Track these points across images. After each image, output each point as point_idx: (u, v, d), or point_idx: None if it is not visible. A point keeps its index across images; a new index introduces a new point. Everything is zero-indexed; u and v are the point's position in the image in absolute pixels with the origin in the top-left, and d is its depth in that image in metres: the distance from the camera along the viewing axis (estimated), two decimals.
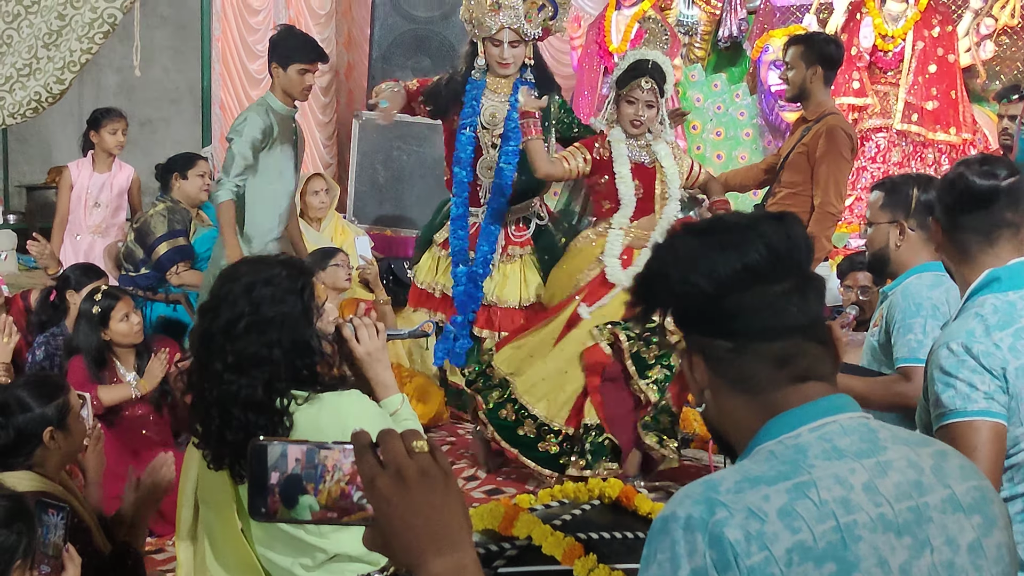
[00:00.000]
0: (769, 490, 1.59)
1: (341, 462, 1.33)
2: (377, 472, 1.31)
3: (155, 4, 10.55)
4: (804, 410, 1.68)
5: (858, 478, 1.61)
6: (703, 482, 1.66)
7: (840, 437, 1.66)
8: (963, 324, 2.79)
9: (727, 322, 1.71)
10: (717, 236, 1.71)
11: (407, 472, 1.31)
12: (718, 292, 1.69)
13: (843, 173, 5.78)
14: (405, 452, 1.32)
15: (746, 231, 1.70)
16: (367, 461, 1.32)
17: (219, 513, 2.98)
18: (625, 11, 9.61)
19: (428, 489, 1.31)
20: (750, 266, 1.68)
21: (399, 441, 1.33)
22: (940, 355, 2.76)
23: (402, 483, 1.30)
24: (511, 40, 5.89)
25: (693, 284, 1.71)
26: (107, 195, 7.37)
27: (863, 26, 8.63)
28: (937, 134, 8.55)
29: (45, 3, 6.70)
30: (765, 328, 1.70)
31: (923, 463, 1.68)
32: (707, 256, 1.70)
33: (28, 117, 6.72)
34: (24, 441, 3.43)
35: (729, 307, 1.70)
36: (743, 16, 9.71)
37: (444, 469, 1.34)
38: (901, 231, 3.81)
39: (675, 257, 1.74)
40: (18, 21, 6.73)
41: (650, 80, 5.61)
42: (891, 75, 8.66)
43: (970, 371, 2.69)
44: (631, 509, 2.35)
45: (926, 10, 8.57)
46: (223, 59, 9.94)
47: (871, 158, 8.49)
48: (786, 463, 1.63)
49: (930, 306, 3.69)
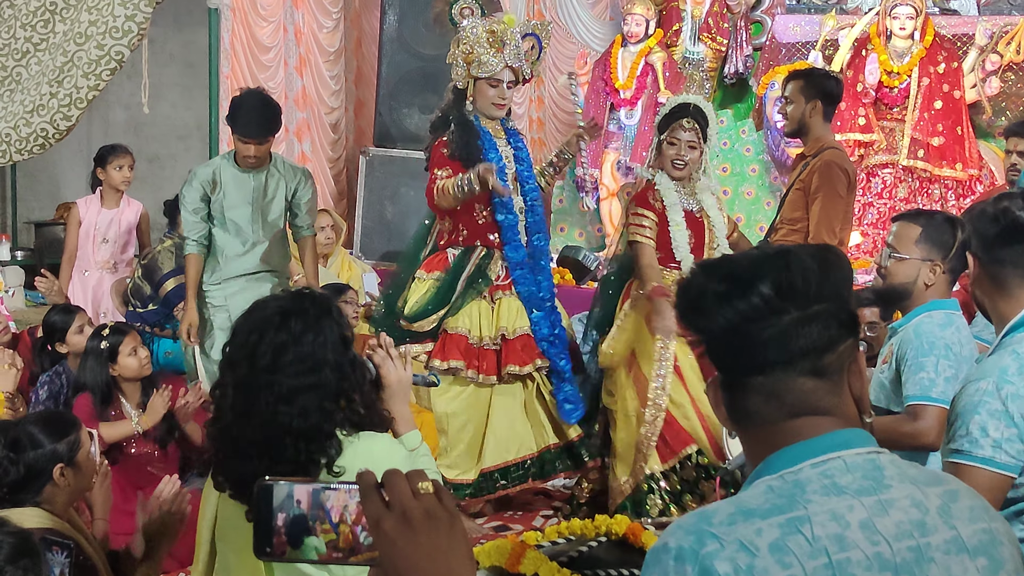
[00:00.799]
0: (762, 524, 1.58)
1: (347, 503, 1.33)
2: (383, 514, 1.30)
3: (163, 42, 10.60)
4: (808, 445, 1.67)
5: (856, 515, 1.60)
6: (697, 513, 1.66)
7: (842, 474, 1.64)
8: (998, 361, 2.75)
9: (723, 358, 1.72)
10: (722, 271, 1.72)
11: (412, 514, 1.30)
12: (723, 330, 1.69)
13: (836, 209, 5.64)
14: (411, 493, 1.31)
15: (749, 272, 1.70)
16: (373, 502, 1.31)
17: (238, 552, 2.96)
18: (631, 48, 9.66)
19: (433, 531, 1.30)
20: (743, 310, 1.67)
21: (405, 482, 1.32)
22: (968, 390, 2.72)
23: (407, 525, 1.29)
24: (510, 80, 5.73)
25: (692, 320, 1.73)
26: (115, 231, 7.39)
27: (869, 62, 8.66)
28: (943, 170, 8.56)
29: (53, 40, 6.75)
30: (746, 365, 1.69)
31: (929, 503, 1.65)
32: (707, 293, 1.70)
33: (35, 153, 6.75)
34: (34, 477, 3.42)
35: (720, 342, 1.71)
36: (749, 53, 9.75)
37: (450, 511, 1.33)
38: (933, 270, 3.78)
39: (690, 292, 1.75)
40: (27, 59, 6.78)
41: (692, 120, 5.58)
42: (897, 111, 8.68)
43: (988, 414, 2.65)
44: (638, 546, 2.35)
45: (931, 47, 8.60)
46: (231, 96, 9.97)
47: (877, 194, 8.50)
48: (782, 497, 1.61)
49: (943, 345, 3.65)
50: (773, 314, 1.67)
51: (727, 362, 1.72)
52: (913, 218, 3.94)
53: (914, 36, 8.59)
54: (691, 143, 5.59)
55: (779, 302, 1.67)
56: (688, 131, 5.58)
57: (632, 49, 9.65)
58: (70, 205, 7.77)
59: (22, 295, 8.97)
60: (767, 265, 1.69)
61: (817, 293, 1.68)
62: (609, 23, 10.62)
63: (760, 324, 1.67)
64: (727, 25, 9.78)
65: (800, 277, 1.68)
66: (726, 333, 1.69)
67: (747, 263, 1.72)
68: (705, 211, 5.70)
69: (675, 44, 9.83)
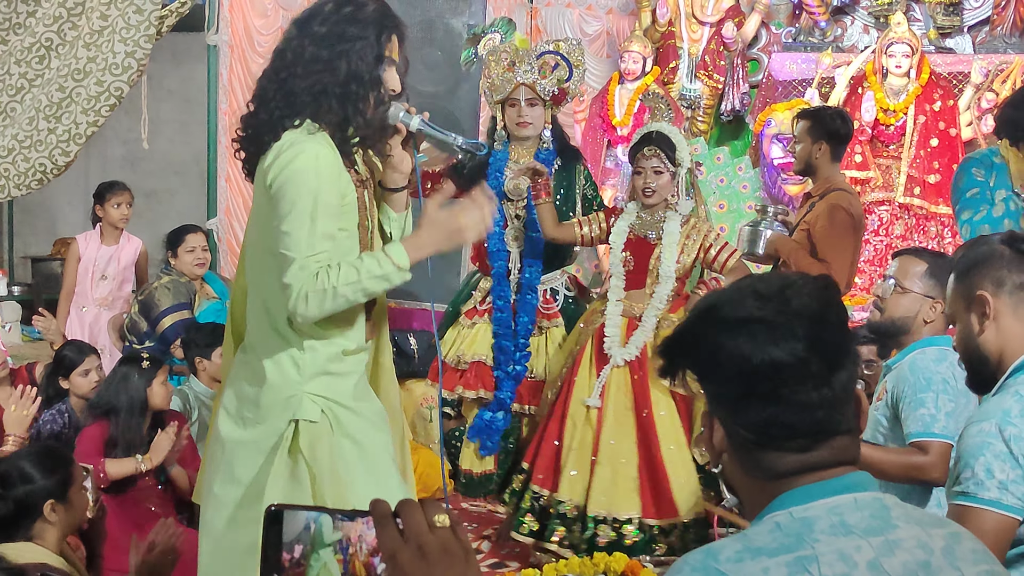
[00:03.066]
0: (769, 562, 1.57)
1: (364, 534, 1.31)
2: (399, 547, 1.28)
3: (161, 78, 10.63)
4: (820, 486, 1.66)
5: (863, 555, 1.59)
6: (704, 550, 1.65)
7: (851, 512, 1.64)
8: (1000, 402, 2.73)
9: (751, 416, 1.69)
10: (752, 327, 1.69)
11: (429, 548, 1.28)
12: (746, 386, 1.67)
13: (842, 257, 5.61)
14: (427, 527, 1.29)
15: (784, 329, 1.68)
16: (388, 534, 1.29)
17: None
18: (628, 85, 9.69)
19: (449, 567, 1.28)
20: (781, 367, 1.66)
21: (420, 514, 1.30)
22: (970, 432, 2.70)
23: (423, 560, 1.27)
24: (528, 98, 5.74)
25: (721, 371, 1.70)
26: (114, 268, 7.39)
27: (865, 100, 8.68)
28: (939, 207, 8.56)
29: (48, 76, 6.77)
30: (792, 427, 1.68)
31: (934, 544, 1.65)
32: (738, 348, 1.68)
33: (33, 188, 6.76)
34: (24, 513, 3.40)
35: (755, 402, 1.68)
36: (745, 90, 9.78)
37: (465, 547, 1.31)
38: (933, 308, 3.80)
39: (706, 337, 1.72)
40: (21, 94, 6.80)
41: (653, 147, 5.54)
42: (893, 148, 8.70)
43: (993, 456, 2.62)
44: None
45: (927, 85, 8.62)
46: (229, 132, 9.98)
47: (874, 231, 8.50)
48: (790, 536, 1.61)
49: (940, 380, 3.66)
50: (818, 377, 1.66)
51: (759, 422, 1.69)
52: (919, 254, 3.96)
53: (910, 74, 8.61)
54: (656, 169, 5.55)
55: (831, 364, 1.67)
56: (651, 158, 5.56)
57: (629, 86, 9.68)
58: (68, 241, 7.77)
59: (19, 330, 8.95)
60: (810, 329, 1.68)
61: (847, 350, 1.69)
62: (606, 60, 10.65)
63: (811, 386, 1.66)
64: (724, 63, 9.82)
65: (842, 334, 1.69)
66: (762, 394, 1.67)
67: (785, 319, 1.69)
68: (663, 239, 5.60)
69: (672, 81, 9.86)
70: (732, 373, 1.68)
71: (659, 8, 9.94)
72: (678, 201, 5.63)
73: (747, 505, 1.75)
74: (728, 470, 1.77)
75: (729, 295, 1.79)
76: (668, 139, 5.59)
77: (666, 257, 5.56)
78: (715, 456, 1.78)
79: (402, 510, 1.31)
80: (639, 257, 5.64)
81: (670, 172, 5.58)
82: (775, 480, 1.69)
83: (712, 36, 9.84)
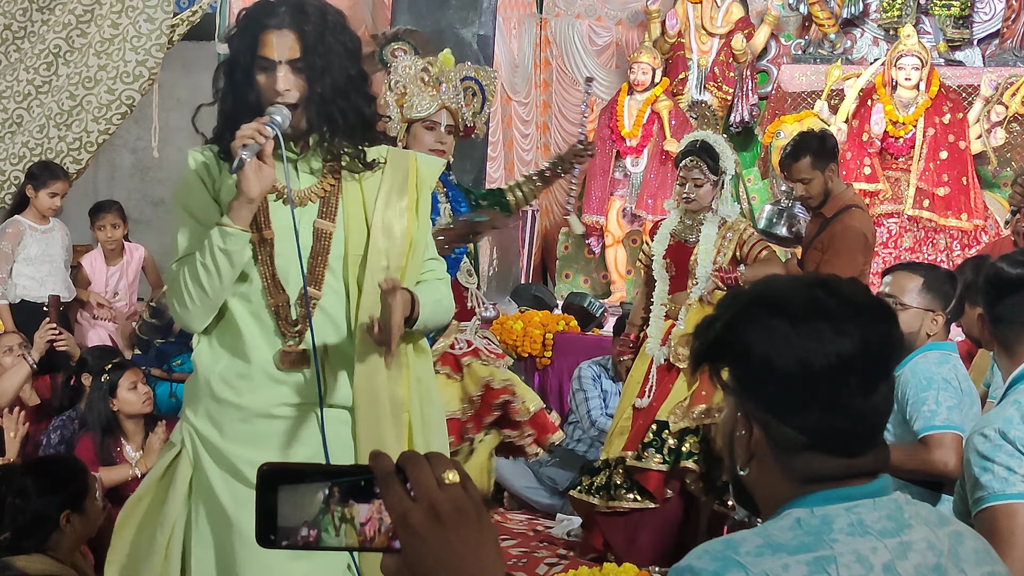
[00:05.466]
0: (789, 559, 1.58)
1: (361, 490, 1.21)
2: (408, 507, 1.17)
3: (171, 87, 10.64)
4: (848, 491, 1.67)
5: (879, 558, 1.61)
6: (724, 540, 1.66)
7: (868, 512, 1.65)
8: (1000, 412, 2.75)
9: (804, 416, 1.68)
10: (815, 323, 1.67)
11: (441, 508, 1.17)
12: (806, 384, 1.66)
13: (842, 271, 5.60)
14: (436, 484, 1.18)
15: (847, 324, 1.66)
16: (396, 494, 1.18)
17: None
18: (637, 96, 9.71)
19: (463, 526, 1.17)
20: (847, 361, 1.64)
21: (428, 471, 1.19)
22: (976, 441, 2.71)
23: (437, 520, 1.16)
24: (448, 124, 4.97)
25: (781, 369, 1.67)
26: (124, 284, 7.40)
27: (874, 112, 8.68)
28: (948, 220, 8.57)
29: (56, 83, 6.79)
30: (849, 433, 1.67)
31: (942, 545, 1.67)
32: (798, 346, 1.66)
33: None
34: (40, 524, 3.41)
35: (813, 403, 1.67)
36: (755, 101, 9.81)
37: (476, 502, 1.19)
38: (935, 320, 3.83)
39: (758, 333, 1.69)
40: (28, 100, 6.81)
41: (696, 159, 5.65)
42: (902, 161, 8.71)
43: (1007, 455, 2.63)
44: None
45: (937, 97, 8.63)
46: None
47: (883, 243, 8.49)
48: (810, 535, 1.62)
49: (940, 379, 3.71)
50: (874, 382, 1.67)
51: (812, 424, 1.68)
52: (913, 269, 3.98)
53: (919, 87, 8.62)
54: (696, 180, 5.67)
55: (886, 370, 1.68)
56: (692, 169, 5.68)
57: (638, 97, 9.70)
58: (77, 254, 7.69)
59: None
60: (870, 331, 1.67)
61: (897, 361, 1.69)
62: (615, 71, 10.69)
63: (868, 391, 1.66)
64: (733, 74, 9.84)
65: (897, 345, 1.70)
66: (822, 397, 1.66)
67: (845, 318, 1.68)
68: (700, 243, 5.73)
69: (681, 92, 9.89)
70: (793, 377, 1.66)
71: (668, 20, 9.97)
72: (719, 208, 5.76)
73: (765, 505, 1.74)
74: (755, 474, 1.74)
75: (777, 286, 1.77)
76: (712, 149, 5.70)
77: (702, 259, 5.68)
78: (745, 459, 1.74)
79: (407, 466, 1.19)
80: (679, 261, 5.76)
81: (711, 181, 5.70)
82: (808, 483, 1.68)
83: (721, 47, 9.86)
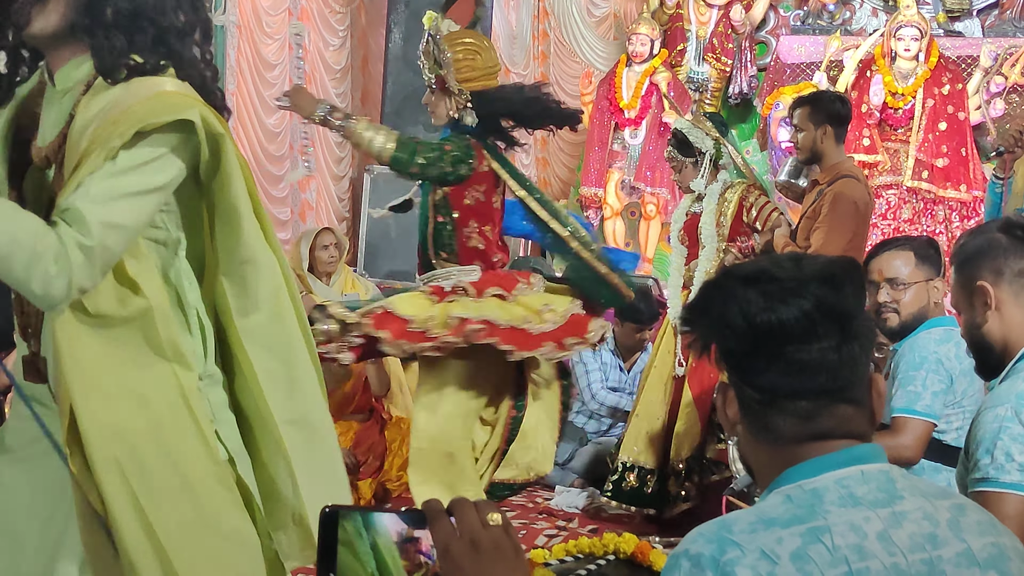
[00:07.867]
0: (783, 533, 1.60)
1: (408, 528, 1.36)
2: (452, 539, 1.34)
3: None
4: (830, 458, 1.68)
5: (872, 527, 1.62)
6: (717, 522, 1.67)
7: (859, 484, 1.66)
8: (1012, 387, 2.70)
9: (757, 374, 1.71)
10: (763, 286, 1.71)
11: (482, 543, 1.34)
12: (753, 342, 1.70)
13: (838, 243, 5.53)
14: (480, 523, 1.36)
15: (794, 288, 1.69)
16: (442, 527, 1.35)
17: None
18: (636, 68, 9.68)
19: (499, 560, 1.34)
20: (787, 325, 1.67)
21: (474, 511, 1.37)
22: (986, 418, 2.68)
23: (476, 552, 1.33)
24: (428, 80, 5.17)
25: (729, 328, 1.71)
26: None
27: (873, 83, 8.67)
28: (947, 191, 8.57)
29: None
30: (794, 388, 1.69)
31: (939, 516, 1.67)
32: (747, 304, 1.70)
33: None
34: None
35: (761, 360, 1.70)
36: (753, 73, 9.79)
37: (515, 545, 1.37)
38: (936, 287, 3.84)
39: (720, 296, 1.75)
40: None
41: (669, 149, 6.05)
42: (901, 132, 8.70)
43: (1011, 439, 2.60)
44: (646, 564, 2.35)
45: (936, 68, 8.62)
46: (238, 112, 9.99)
47: (881, 215, 8.49)
48: (802, 507, 1.63)
49: (935, 360, 3.69)
50: (824, 340, 1.68)
51: (764, 381, 1.71)
52: (900, 246, 3.96)
53: (919, 58, 8.61)
54: (675, 166, 6.08)
55: (839, 328, 1.69)
56: (670, 159, 6.13)
57: (636, 69, 9.68)
58: None
59: None
60: (818, 292, 1.69)
61: (858, 316, 1.70)
62: (613, 43, 10.65)
63: (815, 349, 1.68)
64: (732, 45, 9.81)
65: (853, 303, 1.70)
66: (768, 352, 1.69)
67: (794, 282, 1.71)
68: (704, 212, 5.97)
69: (680, 64, 9.85)
70: (741, 329, 1.69)
71: None
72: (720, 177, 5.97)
73: (758, 476, 1.77)
74: (742, 441, 1.80)
75: (748, 263, 1.86)
76: (679, 133, 5.95)
77: (705, 220, 5.89)
78: (730, 426, 1.79)
79: (455, 507, 1.37)
80: (692, 231, 6.00)
81: (691, 162, 5.96)
82: (782, 446, 1.71)
83: (720, 19, 9.83)
